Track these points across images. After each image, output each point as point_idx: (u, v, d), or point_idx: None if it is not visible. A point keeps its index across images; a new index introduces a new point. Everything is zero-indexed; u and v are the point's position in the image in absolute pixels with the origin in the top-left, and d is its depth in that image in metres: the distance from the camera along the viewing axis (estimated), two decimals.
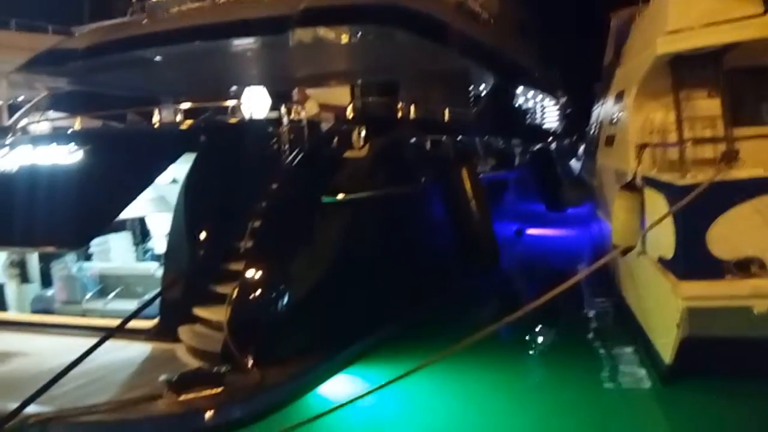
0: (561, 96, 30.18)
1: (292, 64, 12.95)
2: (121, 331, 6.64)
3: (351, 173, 9.03)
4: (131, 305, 8.12)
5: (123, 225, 11.11)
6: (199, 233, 8.15)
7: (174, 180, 9.29)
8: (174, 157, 8.54)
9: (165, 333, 7.62)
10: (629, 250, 7.06)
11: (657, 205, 6.76)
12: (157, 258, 10.27)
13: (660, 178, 7.05)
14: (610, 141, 11.92)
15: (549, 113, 28.51)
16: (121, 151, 8.95)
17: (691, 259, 6.27)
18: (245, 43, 11.36)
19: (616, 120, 11.47)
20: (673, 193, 6.31)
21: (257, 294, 7.20)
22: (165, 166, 8.52)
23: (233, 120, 9.56)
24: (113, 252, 10.72)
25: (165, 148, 8.91)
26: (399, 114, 11.93)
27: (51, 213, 8.01)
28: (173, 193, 8.81)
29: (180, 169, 8.69)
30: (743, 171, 6.33)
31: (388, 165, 9.85)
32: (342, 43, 11.06)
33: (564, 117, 31.12)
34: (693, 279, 6.22)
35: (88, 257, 10.43)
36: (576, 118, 30.90)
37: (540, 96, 25.89)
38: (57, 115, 12.05)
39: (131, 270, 10.19)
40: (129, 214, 10.16)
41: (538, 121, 26.62)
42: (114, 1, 14.83)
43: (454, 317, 9.23)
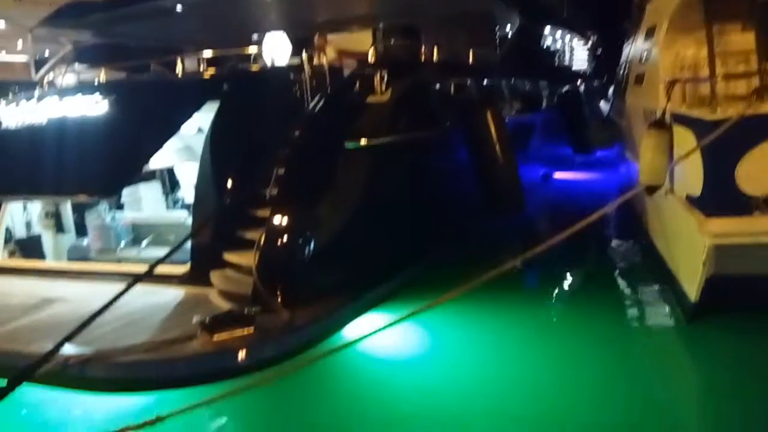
0: (590, 35, 29.22)
1: (312, 8, 12.76)
2: (153, 276, 6.84)
3: (373, 118, 9.00)
4: (163, 252, 8.34)
5: (152, 175, 11.30)
6: (226, 181, 8.26)
7: (199, 129, 9.37)
8: (197, 106, 8.59)
9: (197, 278, 7.83)
10: (656, 188, 6.97)
11: (686, 143, 6.63)
12: (187, 207, 10.47)
13: (689, 113, 6.90)
14: (639, 79, 11.61)
15: (578, 54, 27.65)
16: (146, 102, 9.02)
17: (719, 196, 6.20)
18: None
19: (646, 57, 11.14)
20: (702, 129, 6.18)
21: (284, 239, 7.33)
22: (189, 115, 8.58)
23: (255, 67, 9.54)
24: (144, 202, 10.95)
25: (188, 97, 8.96)
26: (421, 57, 11.73)
27: (81, 163, 8.19)
28: (199, 143, 8.90)
29: (204, 118, 8.75)
30: None
31: (410, 109, 9.77)
32: None
33: (593, 57, 30.19)
34: (720, 216, 6.15)
35: (120, 207, 10.70)
36: (606, 58, 29.94)
37: (568, 36, 25.11)
38: (82, 68, 12.16)
39: (162, 219, 10.43)
40: (157, 164, 10.33)
41: (566, 62, 25.89)
42: None
43: (477, 258, 9.31)
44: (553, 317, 7.96)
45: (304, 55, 9.24)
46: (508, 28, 16.93)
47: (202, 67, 9.85)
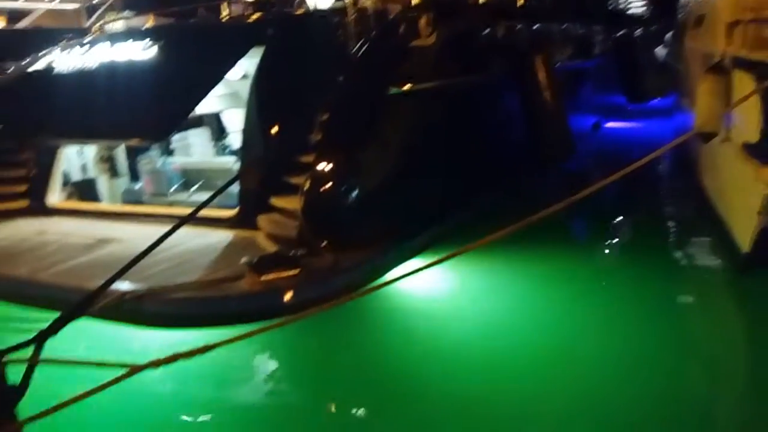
0: None
1: None
2: (203, 219, 7.03)
3: (418, 62, 8.84)
4: None
5: (200, 121, 11.46)
6: (271, 127, 8.32)
7: (245, 75, 9.41)
8: (243, 52, 8.62)
9: (245, 221, 8.01)
10: (712, 136, 6.70)
11: (746, 88, 6.30)
12: (234, 153, 10.64)
13: (751, 56, 6.55)
14: (699, 21, 11.03)
15: None
16: (193, 47, 9.09)
17: None
18: None
19: None
20: (764, 72, 5.86)
21: (327, 184, 7.39)
22: (234, 60, 8.62)
23: (299, 11, 9.46)
24: (193, 147, 11.16)
25: (234, 42, 8.99)
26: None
27: (132, 109, 8.38)
28: (245, 89, 8.96)
29: (250, 64, 8.77)
30: None
31: (457, 53, 9.54)
32: None
33: (651, 1, 28.76)
34: None
35: (170, 153, 10.94)
36: (665, 1, 28.46)
37: None
38: (131, 14, 12.30)
39: (211, 164, 10.64)
40: (205, 109, 10.47)
41: (621, 6, 24.76)
42: None
43: (524, 206, 9.23)
44: (600, 265, 7.87)
45: None
46: None
47: (246, 12, 9.83)
